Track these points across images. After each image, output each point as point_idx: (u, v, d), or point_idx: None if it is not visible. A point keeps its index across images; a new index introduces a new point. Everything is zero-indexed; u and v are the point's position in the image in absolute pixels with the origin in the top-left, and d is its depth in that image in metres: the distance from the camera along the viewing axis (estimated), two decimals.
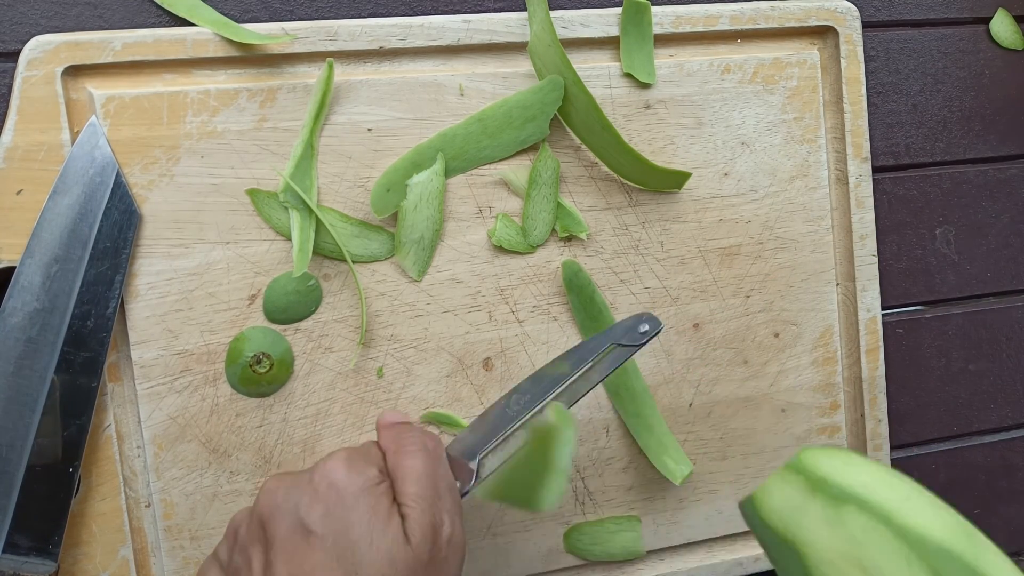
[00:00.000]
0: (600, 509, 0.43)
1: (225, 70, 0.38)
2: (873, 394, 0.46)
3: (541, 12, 0.40)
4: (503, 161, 0.41)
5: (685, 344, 0.44)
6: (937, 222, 0.50)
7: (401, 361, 0.40)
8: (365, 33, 0.39)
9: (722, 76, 0.43)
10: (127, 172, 0.37)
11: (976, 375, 0.51)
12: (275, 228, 0.38)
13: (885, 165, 0.49)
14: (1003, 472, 0.51)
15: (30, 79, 0.36)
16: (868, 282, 0.46)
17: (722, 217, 0.44)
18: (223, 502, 0.39)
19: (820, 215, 0.45)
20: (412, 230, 0.40)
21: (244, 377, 0.38)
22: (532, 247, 0.41)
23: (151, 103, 0.37)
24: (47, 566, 0.35)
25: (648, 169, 0.41)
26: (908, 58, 0.49)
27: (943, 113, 0.50)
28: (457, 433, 0.41)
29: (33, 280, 0.35)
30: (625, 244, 0.43)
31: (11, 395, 0.34)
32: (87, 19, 0.39)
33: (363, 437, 0.40)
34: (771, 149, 0.44)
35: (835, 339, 0.46)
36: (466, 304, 0.41)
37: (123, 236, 0.36)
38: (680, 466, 0.42)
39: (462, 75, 0.40)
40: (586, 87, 0.39)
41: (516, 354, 0.42)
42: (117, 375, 0.38)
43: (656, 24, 0.42)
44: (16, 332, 0.35)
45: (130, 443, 0.38)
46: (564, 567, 0.43)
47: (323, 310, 0.39)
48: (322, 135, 0.39)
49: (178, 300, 0.38)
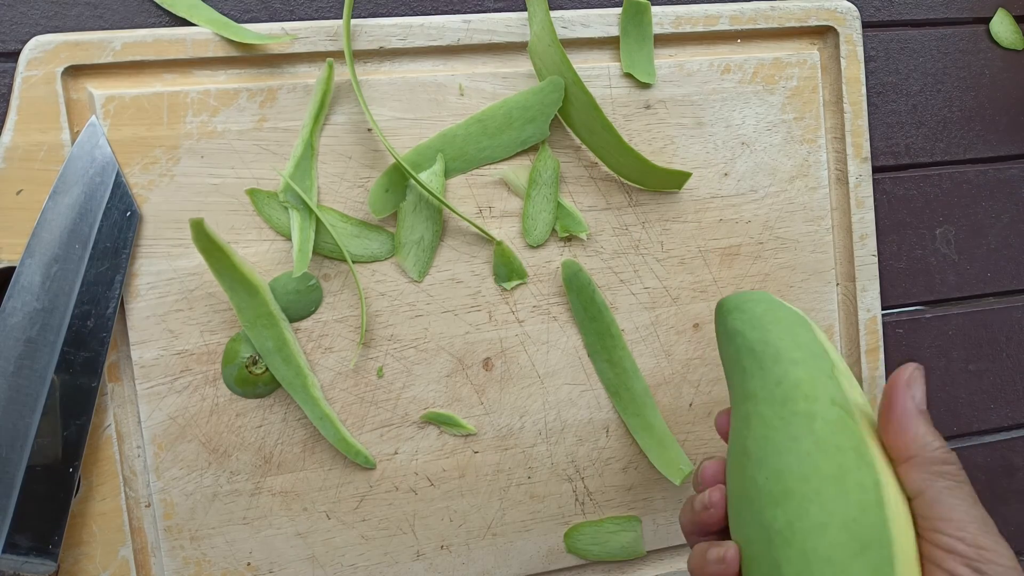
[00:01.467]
0: (600, 509, 0.43)
1: (225, 70, 0.38)
2: (873, 394, 0.46)
3: (541, 12, 0.40)
4: (503, 161, 0.41)
5: (685, 344, 0.44)
6: (937, 222, 0.50)
7: (401, 361, 0.40)
8: (365, 33, 0.39)
9: (722, 76, 0.43)
10: (127, 172, 0.37)
11: (976, 375, 0.51)
12: (275, 228, 0.38)
13: (885, 165, 0.49)
14: (1003, 472, 0.51)
15: (30, 79, 0.36)
16: (868, 282, 0.46)
17: (722, 217, 0.44)
18: (223, 502, 0.39)
19: (820, 215, 0.45)
20: (412, 231, 0.40)
21: (240, 378, 0.38)
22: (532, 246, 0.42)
23: (151, 103, 0.37)
24: (47, 566, 0.35)
25: (648, 169, 0.41)
26: (908, 58, 0.49)
27: (943, 113, 0.50)
28: (457, 433, 0.41)
29: (33, 280, 0.35)
30: (625, 244, 0.43)
31: (11, 395, 0.34)
32: (87, 19, 0.39)
33: (363, 437, 0.40)
34: (771, 149, 0.44)
35: (835, 339, 0.46)
36: (466, 304, 0.41)
37: (123, 236, 0.36)
38: (680, 466, 0.42)
39: (462, 75, 0.40)
40: (586, 87, 0.39)
41: (516, 354, 0.42)
42: (117, 375, 0.38)
43: (656, 24, 0.42)
44: (16, 332, 0.35)
45: (130, 443, 0.38)
46: (564, 567, 0.43)
47: (323, 310, 0.39)
48: (322, 135, 0.39)
49: (178, 300, 0.38)
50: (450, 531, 0.42)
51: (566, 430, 0.43)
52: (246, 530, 0.39)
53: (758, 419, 0.31)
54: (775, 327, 0.33)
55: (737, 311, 0.34)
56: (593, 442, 0.43)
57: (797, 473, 0.29)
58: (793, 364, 0.31)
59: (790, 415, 0.30)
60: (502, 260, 0.41)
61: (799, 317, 0.33)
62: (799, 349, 0.32)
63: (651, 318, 0.43)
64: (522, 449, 0.42)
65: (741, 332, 0.33)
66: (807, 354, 0.32)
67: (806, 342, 0.32)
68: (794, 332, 0.32)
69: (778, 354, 0.32)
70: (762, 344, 0.32)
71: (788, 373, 0.31)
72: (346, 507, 0.40)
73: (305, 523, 0.40)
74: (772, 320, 0.33)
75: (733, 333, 0.34)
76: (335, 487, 0.40)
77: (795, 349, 0.32)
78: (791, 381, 0.31)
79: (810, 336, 0.32)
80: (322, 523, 0.40)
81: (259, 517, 0.39)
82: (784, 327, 0.33)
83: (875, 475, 0.28)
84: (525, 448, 0.42)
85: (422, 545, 0.41)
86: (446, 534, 0.42)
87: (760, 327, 0.33)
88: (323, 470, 0.40)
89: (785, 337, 0.32)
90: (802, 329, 0.33)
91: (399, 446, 0.41)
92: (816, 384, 0.31)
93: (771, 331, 0.33)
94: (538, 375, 0.42)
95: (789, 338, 0.32)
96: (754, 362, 0.32)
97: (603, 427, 0.43)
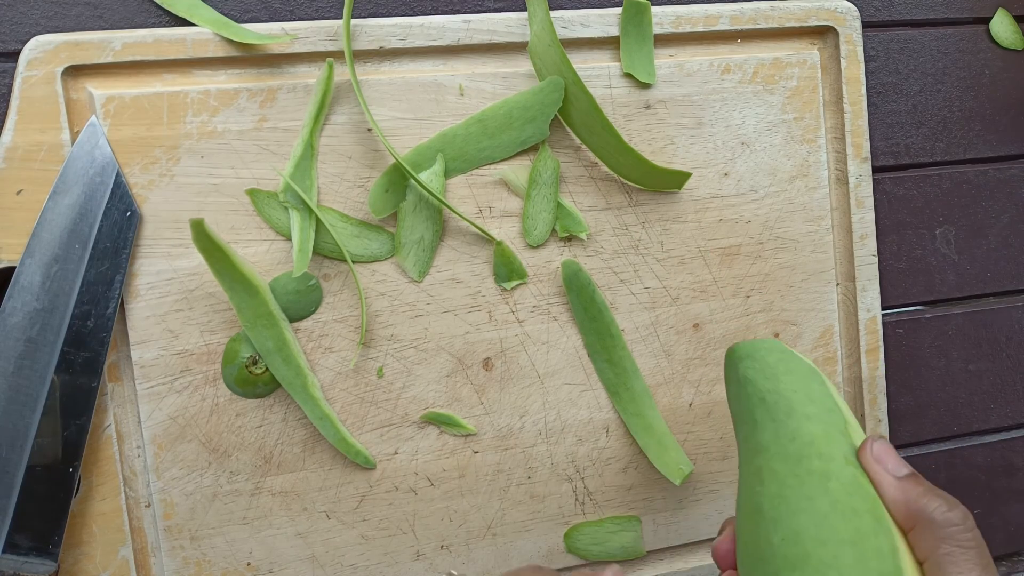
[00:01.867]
0: (600, 509, 0.43)
1: (225, 70, 0.38)
2: (873, 394, 0.46)
3: (541, 12, 0.40)
4: (503, 161, 0.41)
5: (685, 344, 0.44)
6: (937, 222, 0.50)
7: (401, 361, 0.40)
8: (365, 33, 0.39)
9: (722, 76, 0.43)
10: (127, 172, 0.37)
11: (976, 375, 0.51)
12: (275, 228, 0.38)
13: (885, 165, 0.49)
14: (1003, 472, 0.51)
15: (30, 79, 0.36)
16: (868, 282, 0.46)
17: (722, 217, 0.44)
18: (223, 502, 0.39)
19: (820, 215, 0.45)
20: (412, 231, 0.40)
21: (240, 378, 0.38)
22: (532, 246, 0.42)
23: (151, 103, 0.37)
24: (47, 566, 0.35)
25: (648, 169, 0.41)
26: (908, 58, 0.49)
27: (943, 113, 0.50)
28: (457, 433, 0.41)
29: (33, 280, 0.35)
30: (625, 244, 0.43)
31: (11, 395, 0.34)
32: (87, 19, 0.39)
33: (363, 437, 0.40)
34: (771, 149, 0.44)
35: (835, 339, 0.46)
36: (466, 304, 0.41)
37: (123, 236, 0.36)
38: (680, 466, 0.42)
39: (462, 75, 0.40)
40: (586, 87, 0.39)
41: (516, 354, 0.42)
42: (117, 375, 0.38)
43: (656, 24, 0.42)
44: (16, 332, 0.35)
45: (130, 443, 0.38)
46: (564, 567, 0.43)
47: (323, 310, 0.39)
48: (322, 135, 0.39)
49: (178, 300, 0.38)
50: (450, 531, 0.42)
51: (566, 430, 0.43)
52: (246, 530, 0.39)
53: (771, 475, 0.30)
54: (788, 378, 0.32)
55: (749, 359, 0.34)
56: (593, 442, 0.43)
57: (814, 536, 0.28)
58: (807, 419, 0.31)
59: (805, 473, 0.30)
60: (502, 260, 0.41)
61: (811, 369, 0.33)
62: (812, 403, 0.31)
63: (651, 318, 0.43)
64: (522, 449, 0.42)
65: (752, 381, 0.33)
66: (820, 409, 0.31)
67: (819, 396, 0.32)
68: (807, 385, 0.32)
69: (791, 407, 0.31)
70: (774, 395, 0.32)
71: (802, 428, 0.31)
72: (346, 507, 0.40)
73: (305, 523, 0.40)
74: (785, 371, 0.33)
75: (744, 381, 0.33)
76: (335, 487, 0.40)
77: (808, 403, 0.31)
78: (805, 437, 0.30)
79: (823, 389, 0.32)
80: (322, 523, 0.40)
81: (259, 517, 0.39)
82: (797, 378, 0.32)
83: (892, 540, 0.28)
84: (525, 448, 0.42)
85: (422, 545, 0.41)
86: (446, 534, 0.42)
87: (772, 377, 0.32)
88: (323, 470, 0.40)
89: (799, 389, 0.32)
90: (815, 382, 0.32)
91: (399, 446, 0.41)
92: (831, 441, 0.30)
93: (784, 382, 0.32)
94: (538, 375, 0.42)
95: (803, 391, 0.32)
96: (766, 413, 0.32)
97: (603, 427, 0.43)
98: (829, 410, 0.31)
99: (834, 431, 0.31)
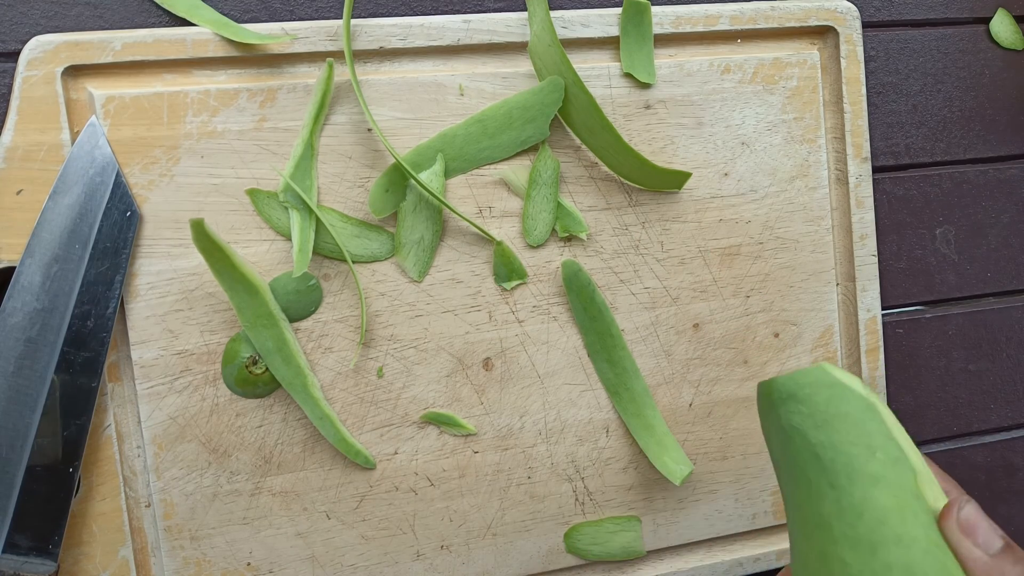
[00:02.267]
0: (600, 509, 0.43)
1: (225, 70, 0.38)
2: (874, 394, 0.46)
3: (541, 12, 0.40)
4: (503, 161, 0.41)
5: (685, 344, 0.44)
6: (937, 222, 0.50)
7: (401, 361, 0.40)
8: (365, 33, 0.39)
9: (722, 76, 0.43)
10: (127, 172, 0.37)
11: (976, 375, 0.51)
12: (275, 228, 0.38)
13: (885, 165, 0.49)
14: (1003, 472, 0.51)
15: (30, 79, 0.36)
16: (868, 282, 0.46)
17: (722, 217, 0.44)
18: (223, 502, 0.39)
19: (820, 215, 0.45)
20: (412, 231, 0.40)
21: (240, 378, 0.38)
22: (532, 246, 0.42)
23: (151, 103, 0.37)
24: (47, 566, 0.35)
25: (648, 169, 0.41)
26: (908, 58, 0.49)
27: (943, 113, 0.50)
28: (457, 433, 0.41)
29: (33, 280, 0.35)
30: (625, 244, 0.43)
31: (11, 395, 0.34)
32: (87, 19, 0.39)
33: (363, 437, 0.40)
34: (771, 149, 0.44)
35: (835, 339, 0.46)
36: (466, 304, 0.41)
37: (123, 236, 0.36)
38: (680, 466, 0.42)
39: (462, 75, 0.40)
40: (586, 87, 0.39)
41: (516, 354, 0.42)
42: (117, 375, 0.38)
43: (656, 24, 0.42)
44: (16, 332, 0.35)
45: (130, 443, 0.38)
46: (564, 567, 0.43)
47: (323, 310, 0.39)
48: (322, 135, 0.39)
49: (178, 300, 0.38)
50: (450, 531, 0.42)
51: (566, 430, 0.43)
52: (246, 530, 0.39)
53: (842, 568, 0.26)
54: (842, 424, 0.28)
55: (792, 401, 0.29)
56: (593, 442, 0.43)
57: None
58: (873, 483, 0.27)
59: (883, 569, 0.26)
60: (502, 260, 0.41)
61: (867, 404, 0.28)
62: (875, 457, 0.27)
63: (651, 318, 0.43)
64: (522, 449, 0.42)
65: (801, 431, 0.28)
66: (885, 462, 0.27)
67: (881, 443, 0.27)
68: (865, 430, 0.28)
69: (851, 468, 0.27)
70: (830, 451, 0.27)
71: (869, 499, 0.26)
72: (346, 507, 0.40)
73: (305, 523, 0.40)
74: (837, 414, 0.28)
75: (790, 431, 0.29)
76: (335, 487, 0.40)
77: (870, 458, 0.27)
78: (875, 513, 0.26)
79: (882, 429, 0.28)
80: (322, 523, 0.40)
81: (259, 517, 0.39)
82: (852, 423, 0.28)
83: None
84: (525, 448, 0.42)
85: (422, 545, 0.41)
86: (446, 534, 0.42)
87: (824, 424, 0.28)
88: (323, 470, 0.40)
89: (857, 440, 0.27)
90: (872, 421, 0.28)
91: (399, 446, 0.41)
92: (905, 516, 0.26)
93: (838, 430, 0.28)
94: (538, 375, 0.42)
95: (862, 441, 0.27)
96: (822, 475, 0.27)
97: (603, 427, 0.43)
98: (895, 461, 0.27)
99: (906, 495, 0.27)
